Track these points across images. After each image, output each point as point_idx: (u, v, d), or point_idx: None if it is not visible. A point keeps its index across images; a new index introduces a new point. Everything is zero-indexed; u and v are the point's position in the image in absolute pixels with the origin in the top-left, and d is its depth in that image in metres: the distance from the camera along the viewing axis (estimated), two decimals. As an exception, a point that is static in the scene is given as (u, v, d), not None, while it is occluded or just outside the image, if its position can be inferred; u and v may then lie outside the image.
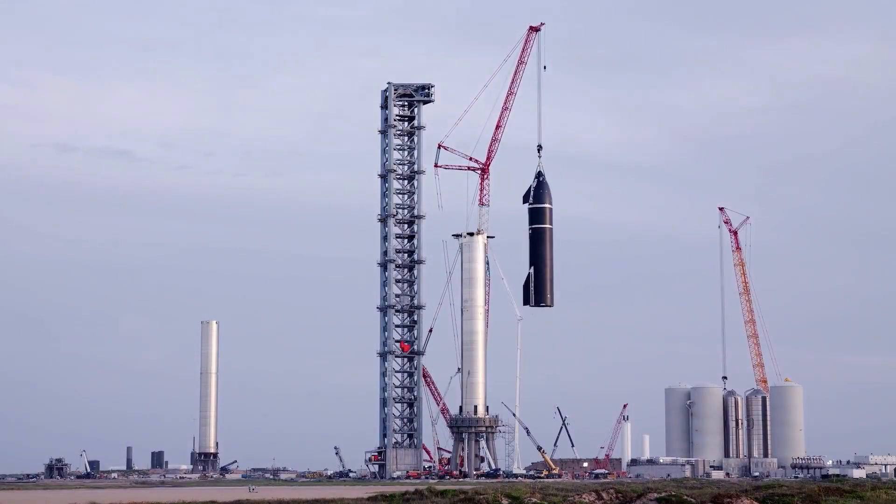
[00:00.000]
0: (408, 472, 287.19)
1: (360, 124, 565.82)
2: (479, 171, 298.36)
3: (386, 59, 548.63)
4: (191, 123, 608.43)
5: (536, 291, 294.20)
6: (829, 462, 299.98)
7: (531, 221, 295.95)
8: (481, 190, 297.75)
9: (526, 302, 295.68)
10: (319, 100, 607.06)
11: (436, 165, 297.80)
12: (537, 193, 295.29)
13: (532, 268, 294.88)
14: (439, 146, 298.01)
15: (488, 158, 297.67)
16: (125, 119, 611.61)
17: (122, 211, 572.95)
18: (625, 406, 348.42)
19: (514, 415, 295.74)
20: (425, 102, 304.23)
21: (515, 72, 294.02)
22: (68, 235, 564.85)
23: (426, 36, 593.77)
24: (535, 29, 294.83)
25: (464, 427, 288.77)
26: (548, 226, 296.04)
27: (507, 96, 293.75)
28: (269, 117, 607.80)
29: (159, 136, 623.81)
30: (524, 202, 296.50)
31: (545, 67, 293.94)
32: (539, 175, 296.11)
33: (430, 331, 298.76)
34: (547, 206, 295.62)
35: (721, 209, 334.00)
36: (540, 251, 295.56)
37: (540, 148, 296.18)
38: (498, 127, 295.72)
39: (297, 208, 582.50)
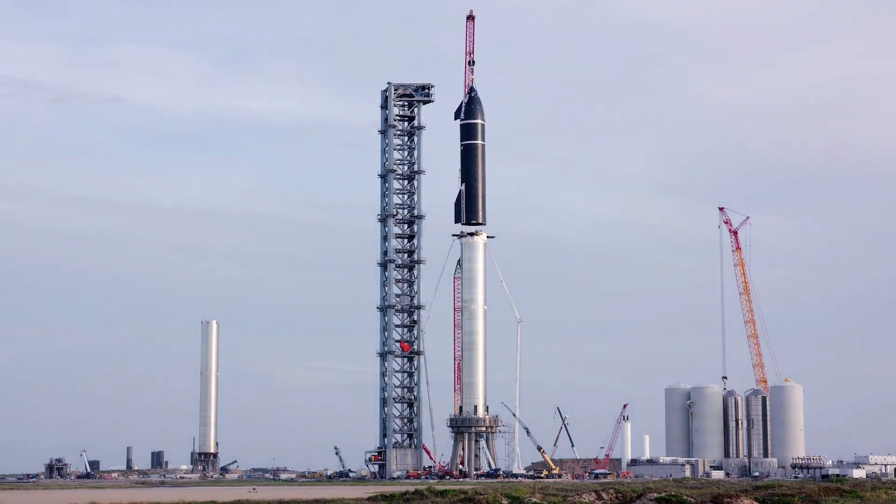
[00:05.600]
0: (408, 472, 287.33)
1: (359, 124, 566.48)
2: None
3: (387, 59, 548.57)
4: (188, 122, 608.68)
5: (468, 209, 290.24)
6: (829, 462, 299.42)
7: (462, 138, 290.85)
8: None
9: (457, 220, 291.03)
10: (320, 100, 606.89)
11: None
12: (469, 109, 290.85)
13: (463, 185, 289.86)
14: None
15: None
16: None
17: (122, 210, 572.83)
18: (625, 406, 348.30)
19: (514, 415, 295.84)
20: (425, 102, 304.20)
21: (465, 64, 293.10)
22: (67, 234, 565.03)
23: (426, 34, 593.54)
24: (470, 18, 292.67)
25: (464, 427, 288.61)
26: (479, 142, 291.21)
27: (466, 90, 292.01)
28: (268, 116, 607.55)
29: (156, 134, 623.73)
30: (455, 118, 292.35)
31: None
32: (471, 91, 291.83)
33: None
34: (479, 121, 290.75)
35: (721, 209, 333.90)
36: (471, 168, 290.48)
37: (472, 62, 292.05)
38: None
39: (296, 208, 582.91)
